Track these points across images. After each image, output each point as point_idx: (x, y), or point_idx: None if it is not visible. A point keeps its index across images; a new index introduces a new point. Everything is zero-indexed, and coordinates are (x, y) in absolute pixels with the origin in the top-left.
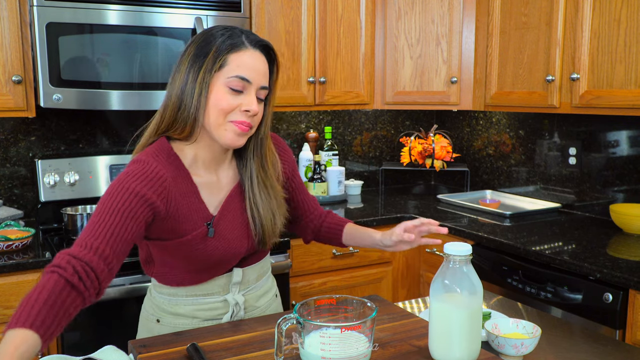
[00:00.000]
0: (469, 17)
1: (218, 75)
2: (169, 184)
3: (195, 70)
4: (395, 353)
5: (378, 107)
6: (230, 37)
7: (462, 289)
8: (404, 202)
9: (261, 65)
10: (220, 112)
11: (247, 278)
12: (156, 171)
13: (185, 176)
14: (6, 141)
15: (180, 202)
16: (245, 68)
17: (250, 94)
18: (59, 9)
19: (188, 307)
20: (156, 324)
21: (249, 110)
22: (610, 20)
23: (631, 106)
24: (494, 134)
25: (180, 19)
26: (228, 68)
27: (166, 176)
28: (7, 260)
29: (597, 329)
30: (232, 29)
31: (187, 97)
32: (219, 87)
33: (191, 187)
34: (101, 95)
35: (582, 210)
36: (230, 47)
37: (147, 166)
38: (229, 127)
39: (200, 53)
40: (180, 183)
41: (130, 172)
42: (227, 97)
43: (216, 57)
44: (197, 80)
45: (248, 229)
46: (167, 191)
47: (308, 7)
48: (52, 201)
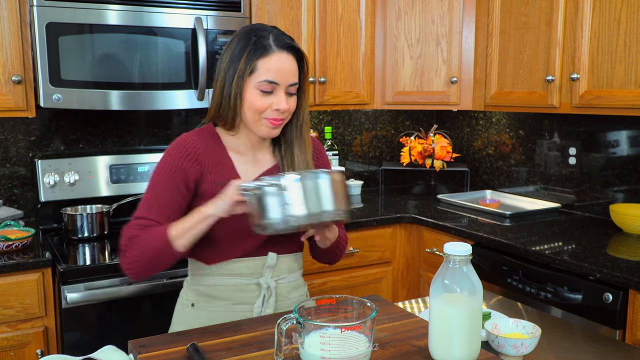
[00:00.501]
0: (469, 17)
1: (250, 80)
2: (202, 151)
3: (231, 74)
4: (395, 353)
5: (378, 107)
6: (259, 42)
7: (462, 289)
8: (404, 202)
9: (289, 65)
10: (255, 111)
11: (280, 266)
12: (191, 142)
13: (220, 150)
14: (6, 141)
15: (214, 169)
16: (273, 72)
17: (279, 94)
18: (59, 9)
19: (222, 288)
20: (191, 308)
21: (279, 109)
22: (610, 20)
23: (631, 106)
24: (494, 134)
25: (180, 19)
26: (258, 73)
27: (199, 145)
28: (7, 260)
29: (597, 329)
30: (262, 31)
31: (225, 98)
32: (251, 89)
33: (226, 161)
34: (101, 95)
35: (582, 210)
36: (259, 53)
37: (183, 140)
38: (263, 123)
39: (234, 58)
40: (215, 154)
41: (169, 149)
42: (259, 98)
43: (247, 63)
44: (232, 84)
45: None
46: (200, 158)
47: (308, 7)
48: (52, 201)
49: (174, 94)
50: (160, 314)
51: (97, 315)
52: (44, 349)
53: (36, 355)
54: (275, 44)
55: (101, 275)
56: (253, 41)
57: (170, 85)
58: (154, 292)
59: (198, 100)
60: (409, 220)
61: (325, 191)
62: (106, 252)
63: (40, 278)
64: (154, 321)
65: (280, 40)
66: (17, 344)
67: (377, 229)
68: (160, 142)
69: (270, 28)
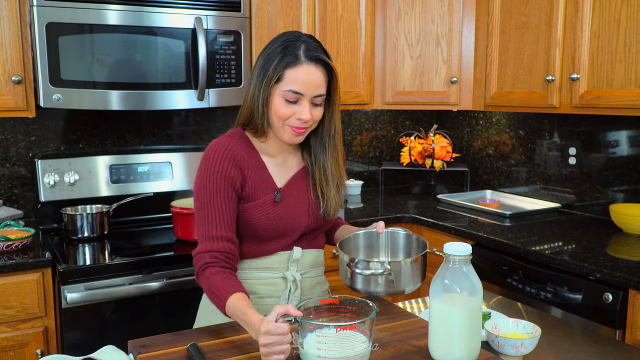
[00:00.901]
0: (469, 17)
1: (276, 88)
2: (242, 156)
3: (260, 81)
4: (395, 353)
5: (378, 107)
6: (289, 51)
7: (462, 289)
8: (404, 202)
9: (315, 77)
10: (279, 118)
11: (304, 260)
12: (230, 147)
13: (254, 154)
14: (6, 141)
15: (252, 172)
16: (298, 82)
17: (303, 104)
18: (59, 9)
19: (249, 282)
20: None
21: (301, 118)
22: (610, 20)
23: (631, 106)
24: (494, 134)
25: (180, 19)
26: (284, 82)
27: (239, 150)
28: (7, 260)
29: (597, 329)
30: (294, 41)
31: (255, 104)
32: (277, 97)
33: (260, 164)
34: (101, 95)
35: (582, 210)
36: (287, 63)
37: (220, 145)
38: (287, 129)
39: (265, 65)
40: (252, 158)
41: (208, 157)
42: (283, 106)
43: (275, 71)
44: (261, 90)
45: (309, 207)
46: (240, 162)
47: (308, 7)
48: (52, 201)
49: (174, 94)
50: (160, 314)
51: (97, 315)
52: (44, 349)
53: (36, 355)
54: (304, 55)
55: (101, 275)
56: (284, 50)
57: (170, 85)
58: (154, 292)
59: (198, 100)
60: (409, 220)
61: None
62: (106, 252)
63: (40, 278)
64: (153, 321)
65: (310, 52)
66: (17, 344)
67: None
68: (160, 142)
69: (304, 38)
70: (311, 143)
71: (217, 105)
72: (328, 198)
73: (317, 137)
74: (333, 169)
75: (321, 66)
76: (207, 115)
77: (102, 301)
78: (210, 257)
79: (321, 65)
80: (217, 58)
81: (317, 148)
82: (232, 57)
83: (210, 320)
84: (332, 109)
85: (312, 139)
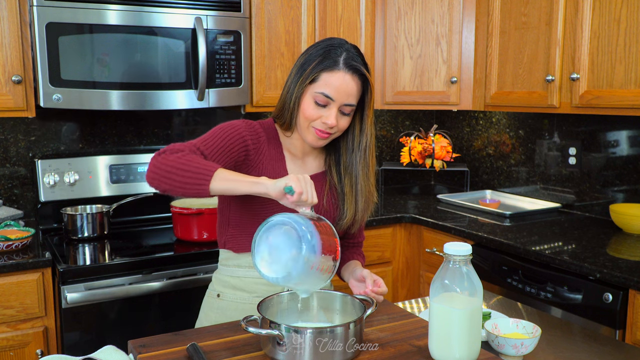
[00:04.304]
0: (469, 17)
1: (309, 88)
2: (264, 142)
3: (297, 78)
4: (395, 353)
5: (378, 107)
6: (330, 55)
7: (462, 289)
8: (403, 202)
9: (349, 86)
10: (306, 119)
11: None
12: (256, 127)
13: (277, 145)
14: (6, 141)
15: (268, 159)
16: (331, 87)
17: (331, 109)
18: (59, 9)
19: (249, 280)
20: (216, 299)
21: (326, 123)
22: (610, 20)
23: (631, 106)
24: (494, 134)
25: (180, 19)
26: (317, 84)
27: (263, 135)
28: (7, 260)
29: (597, 329)
30: (337, 47)
31: (288, 99)
32: (308, 97)
33: (280, 156)
34: (101, 95)
35: (582, 210)
36: (325, 66)
37: (250, 123)
38: (311, 131)
39: (305, 64)
40: (272, 148)
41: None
42: (312, 107)
43: (312, 71)
44: (295, 87)
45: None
46: (260, 144)
47: (308, 7)
48: (52, 201)
49: (174, 94)
50: (160, 314)
51: (97, 315)
52: (44, 349)
53: (36, 355)
54: (343, 62)
55: (101, 275)
56: (326, 53)
57: (170, 85)
58: (154, 292)
59: (198, 100)
60: (409, 220)
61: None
62: (106, 252)
63: (40, 278)
64: (153, 321)
65: (349, 61)
66: (17, 344)
67: (377, 229)
68: (160, 142)
69: (348, 46)
70: (341, 153)
71: (217, 105)
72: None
73: (348, 148)
74: (362, 184)
75: (358, 77)
76: (207, 115)
77: (102, 301)
78: (191, 150)
79: (358, 76)
80: (217, 58)
81: (348, 160)
82: (232, 57)
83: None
84: (364, 122)
85: (343, 149)
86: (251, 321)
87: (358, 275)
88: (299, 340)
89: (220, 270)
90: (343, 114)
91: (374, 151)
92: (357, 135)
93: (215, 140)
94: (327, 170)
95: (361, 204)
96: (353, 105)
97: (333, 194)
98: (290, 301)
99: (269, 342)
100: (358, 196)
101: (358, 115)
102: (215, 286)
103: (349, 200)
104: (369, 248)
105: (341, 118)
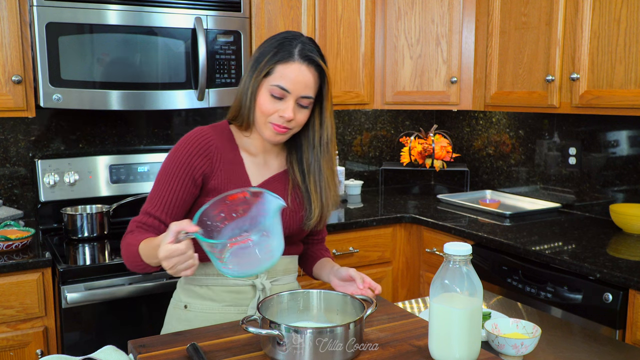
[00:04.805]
0: (469, 17)
1: (265, 81)
2: (216, 147)
3: (251, 73)
4: (395, 353)
5: (378, 107)
6: (284, 47)
7: (462, 289)
8: (403, 202)
9: (305, 77)
10: (262, 113)
11: (277, 267)
12: (206, 136)
13: (233, 149)
14: (6, 141)
15: (225, 166)
16: (286, 79)
17: (288, 102)
18: (59, 9)
19: (217, 288)
20: (183, 310)
21: (284, 116)
22: (610, 20)
23: (631, 106)
24: (494, 134)
25: (180, 19)
26: (273, 77)
27: (214, 141)
28: (7, 260)
29: (597, 329)
30: (292, 39)
31: (243, 96)
32: (264, 91)
33: (237, 159)
34: (101, 95)
35: (582, 210)
36: (280, 58)
37: (197, 133)
38: (268, 127)
39: (259, 58)
40: (228, 152)
41: (182, 141)
42: (269, 101)
43: (266, 65)
44: (250, 82)
45: (286, 212)
46: (213, 152)
47: (308, 7)
48: (52, 201)
49: (174, 94)
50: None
51: (97, 315)
52: (44, 349)
53: (36, 355)
54: (298, 53)
55: (101, 275)
56: (280, 46)
57: (170, 85)
58: (154, 292)
59: (198, 100)
60: (409, 220)
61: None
62: (106, 252)
63: (40, 278)
64: (153, 321)
65: (304, 51)
66: (17, 344)
67: (377, 229)
68: (160, 142)
69: (303, 38)
70: (303, 150)
71: (217, 105)
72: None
73: (309, 144)
74: (328, 180)
75: (314, 68)
76: (207, 115)
77: (102, 301)
78: (137, 225)
79: (314, 67)
80: (217, 58)
81: (311, 157)
82: (232, 57)
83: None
84: (323, 115)
85: (305, 146)
86: (251, 321)
87: (344, 274)
88: (299, 340)
89: (187, 280)
90: (301, 107)
91: (336, 145)
92: (317, 129)
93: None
94: (289, 169)
95: (327, 201)
96: (311, 98)
97: (297, 193)
98: (290, 301)
99: (269, 342)
100: (323, 193)
101: (317, 109)
102: (182, 297)
103: (314, 198)
104: (368, 248)
105: (299, 111)
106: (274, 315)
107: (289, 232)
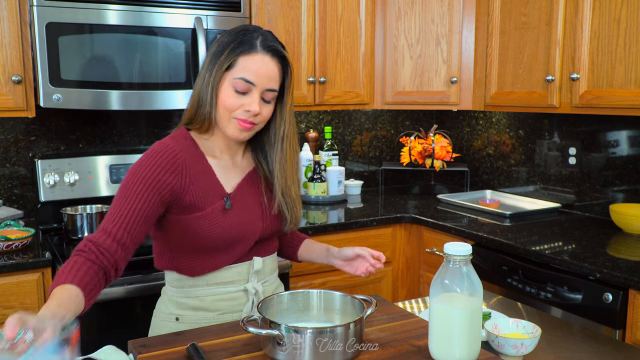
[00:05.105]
0: (469, 17)
1: (227, 75)
2: (184, 160)
3: (211, 68)
4: (395, 353)
5: (378, 107)
6: (245, 39)
7: (462, 289)
8: (403, 202)
9: (269, 69)
10: (226, 109)
11: (265, 268)
12: (172, 150)
13: (199, 157)
14: (6, 141)
15: (196, 178)
16: (250, 71)
17: (253, 95)
18: (59, 8)
19: (209, 299)
20: (175, 322)
21: (249, 110)
22: (610, 20)
23: (631, 106)
24: (494, 134)
25: (180, 19)
26: (235, 69)
27: (181, 153)
28: (7, 260)
29: (597, 329)
30: (252, 31)
31: (203, 93)
32: (226, 86)
33: (206, 167)
34: (101, 95)
35: (582, 210)
36: (242, 49)
37: (161, 148)
38: (232, 123)
39: (218, 52)
40: (196, 163)
41: (145, 158)
42: (232, 96)
43: (228, 57)
44: (211, 77)
45: (263, 211)
46: (181, 167)
47: (308, 7)
48: (52, 201)
49: (174, 94)
50: None
51: (97, 315)
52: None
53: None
54: (261, 45)
55: None
56: (240, 38)
57: (170, 85)
58: (154, 292)
59: None
60: (409, 220)
61: None
62: None
63: (40, 278)
64: None
65: (267, 42)
66: None
67: (377, 229)
68: None
69: (263, 31)
70: (266, 148)
71: None
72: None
73: (270, 140)
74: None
75: (277, 59)
76: None
77: (101, 301)
78: (86, 246)
79: (277, 59)
80: None
81: (273, 153)
82: None
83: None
84: (284, 109)
85: (267, 144)
86: (251, 321)
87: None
88: (299, 340)
89: (177, 293)
90: (265, 102)
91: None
92: (279, 124)
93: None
94: (257, 166)
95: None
96: (275, 91)
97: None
98: (290, 301)
99: (269, 342)
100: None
101: (278, 104)
102: (171, 309)
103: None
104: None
105: (264, 106)
106: (274, 315)
107: (271, 230)
